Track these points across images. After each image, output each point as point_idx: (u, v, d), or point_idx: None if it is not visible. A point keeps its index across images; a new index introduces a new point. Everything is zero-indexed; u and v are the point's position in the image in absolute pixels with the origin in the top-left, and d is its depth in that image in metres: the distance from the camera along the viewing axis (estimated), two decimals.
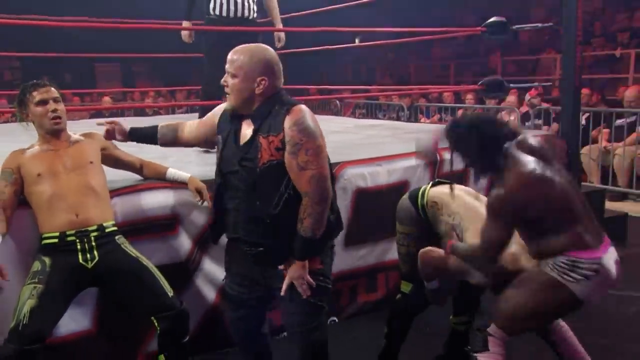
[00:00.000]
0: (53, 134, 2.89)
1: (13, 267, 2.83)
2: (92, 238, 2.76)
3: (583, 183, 5.38)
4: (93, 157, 2.95)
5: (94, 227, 2.77)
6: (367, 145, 4.66)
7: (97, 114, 9.69)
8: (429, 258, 2.90)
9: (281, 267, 2.51)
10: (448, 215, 2.93)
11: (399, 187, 4.08)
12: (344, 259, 3.92)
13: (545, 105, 8.40)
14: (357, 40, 11.40)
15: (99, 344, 3.19)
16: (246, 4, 4.69)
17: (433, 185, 3.13)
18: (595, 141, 7.55)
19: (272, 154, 2.40)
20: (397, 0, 5.89)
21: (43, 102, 2.82)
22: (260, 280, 2.65)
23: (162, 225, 3.30)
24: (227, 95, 2.49)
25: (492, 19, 5.31)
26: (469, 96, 9.51)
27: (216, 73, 4.61)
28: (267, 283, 2.65)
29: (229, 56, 2.48)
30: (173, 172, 3.23)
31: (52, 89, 2.88)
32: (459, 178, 4.32)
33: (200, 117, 4.76)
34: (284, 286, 2.48)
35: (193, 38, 4.94)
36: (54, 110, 2.82)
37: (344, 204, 3.88)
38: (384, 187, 4.04)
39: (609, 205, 5.99)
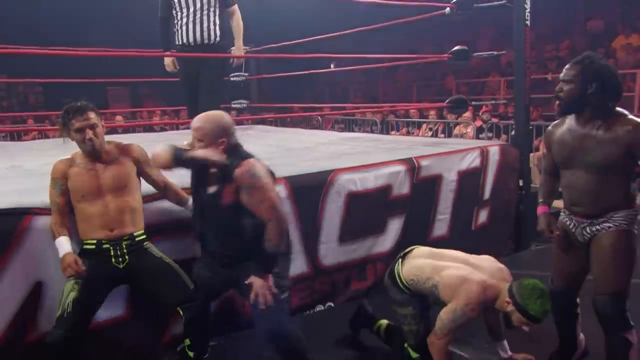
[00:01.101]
0: (91, 154, 2.83)
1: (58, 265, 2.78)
2: (124, 245, 2.79)
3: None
4: (130, 177, 2.91)
5: (126, 237, 2.79)
6: (354, 155, 4.63)
7: (110, 130, 9.59)
8: None
9: (247, 281, 2.60)
10: (425, 281, 2.81)
11: (384, 190, 4.08)
12: (339, 253, 3.91)
13: (495, 120, 8.49)
14: (332, 66, 11.34)
15: (132, 328, 3.14)
16: (205, 29, 4.31)
17: (402, 263, 2.95)
18: (537, 149, 7.63)
19: (231, 197, 2.56)
20: (365, 32, 5.89)
21: (81, 130, 2.75)
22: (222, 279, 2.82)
23: (182, 226, 3.21)
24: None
25: (456, 48, 5.28)
26: (432, 112, 9.60)
27: (189, 96, 4.50)
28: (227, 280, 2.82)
29: (193, 124, 2.64)
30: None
31: (91, 114, 2.79)
32: (432, 183, 4.35)
33: None
34: (252, 297, 2.58)
35: (177, 66, 4.62)
36: (90, 139, 2.75)
37: (338, 205, 3.87)
38: (372, 190, 4.01)
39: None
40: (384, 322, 3.22)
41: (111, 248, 2.76)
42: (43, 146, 6.69)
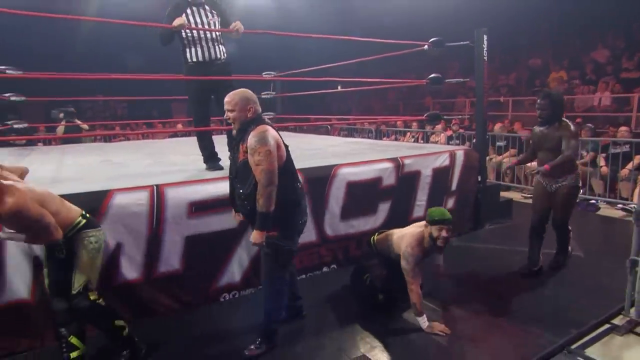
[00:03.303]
0: None
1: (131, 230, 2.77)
2: (61, 242, 2.32)
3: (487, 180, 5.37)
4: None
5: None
6: (354, 154, 4.58)
7: (174, 134, 9.60)
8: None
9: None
10: (387, 246, 3.10)
11: (376, 181, 4.01)
12: (341, 227, 3.85)
13: (461, 130, 8.36)
14: (339, 87, 11.18)
15: (184, 279, 3.11)
16: (212, 47, 3.74)
17: (378, 235, 3.28)
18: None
19: (244, 155, 2.40)
20: (363, 61, 5.83)
21: None
22: None
23: (223, 204, 3.12)
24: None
25: (432, 75, 5.18)
26: (414, 124, 9.47)
27: (199, 108, 3.80)
28: None
29: (226, 99, 2.45)
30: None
31: None
32: (413, 176, 4.28)
33: (200, 139, 3.90)
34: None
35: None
36: None
37: (340, 191, 3.81)
38: (366, 180, 3.95)
39: (501, 194, 5.97)
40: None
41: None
42: (126, 146, 6.75)
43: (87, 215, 2.42)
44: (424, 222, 2.89)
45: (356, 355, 2.54)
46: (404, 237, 2.91)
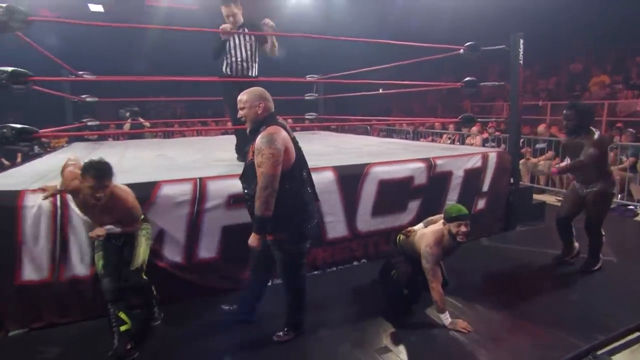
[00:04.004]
0: None
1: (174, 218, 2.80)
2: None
3: (520, 182, 5.11)
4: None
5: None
6: (388, 153, 4.48)
7: (224, 132, 9.79)
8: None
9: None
10: (411, 245, 2.97)
11: (408, 180, 3.91)
12: (372, 223, 3.79)
13: (497, 133, 8.02)
14: (381, 89, 10.95)
15: (223, 265, 3.15)
16: (245, 66, 3.87)
17: (403, 235, 3.13)
18: (522, 156, 7.21)
19: (252, 155, 2.31)
20: (403, 65, 5.71)
21: None
22: None
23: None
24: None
25: (467, 79, 4.99)
26: (451, 126, 9.18)
27: (233, 109, 3.61)
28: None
29: (239, 97, 2.39)
30: None
31: None
32: (444, 177, 4.13)
33: (238, 136, 4.05)
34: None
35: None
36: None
37: (371, 189, 3.75)
38: (398, 179, 3.85)
39: (535, 196, 5.68)
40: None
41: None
42: (181, 142, 6.94)
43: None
44: (442, 221, 2.78)
45: (378, 346, 2.48)
46: (424, 236, 2.82)
